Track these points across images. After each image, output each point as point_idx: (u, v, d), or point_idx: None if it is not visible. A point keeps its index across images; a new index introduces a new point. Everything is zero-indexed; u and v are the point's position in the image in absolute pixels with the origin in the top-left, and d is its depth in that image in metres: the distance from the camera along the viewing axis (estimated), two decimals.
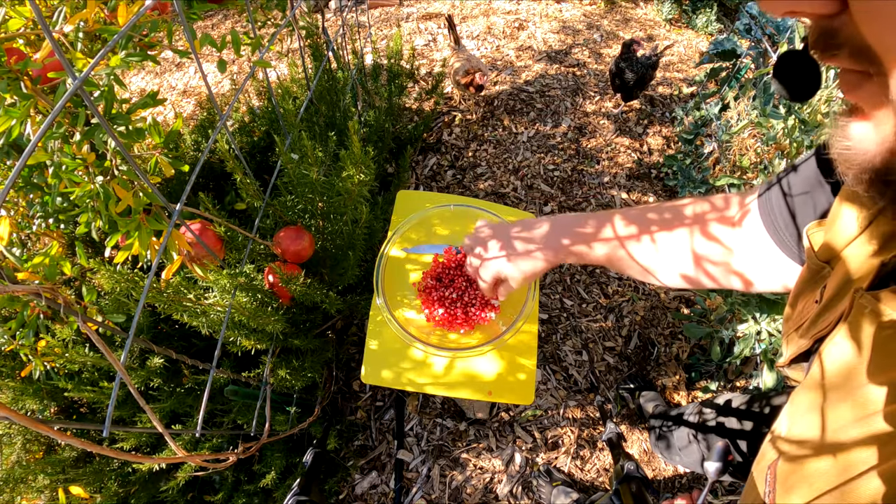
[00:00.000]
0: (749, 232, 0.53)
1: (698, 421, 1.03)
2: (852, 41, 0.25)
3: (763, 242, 0.51)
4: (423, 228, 0.89)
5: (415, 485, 1.31)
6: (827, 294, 0.37)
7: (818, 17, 0.26)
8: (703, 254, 0.56)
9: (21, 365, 0.91)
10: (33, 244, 0.76)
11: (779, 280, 0.52)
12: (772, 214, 0.50)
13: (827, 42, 0.27)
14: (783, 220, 0.48)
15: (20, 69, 0.47)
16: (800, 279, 0.43)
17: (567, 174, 1.94)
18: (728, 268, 0.55)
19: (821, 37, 0.27)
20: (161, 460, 0.54)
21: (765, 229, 0.51)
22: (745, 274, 0.54)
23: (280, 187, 0.94)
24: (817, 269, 0.40)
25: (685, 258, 0.57)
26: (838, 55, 0.26)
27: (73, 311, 0.46)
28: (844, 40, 0.26)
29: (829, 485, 0.30)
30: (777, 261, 0.51)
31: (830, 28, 0.26)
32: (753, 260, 0.54)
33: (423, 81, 2.20)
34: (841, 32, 0.26)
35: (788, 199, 0.48)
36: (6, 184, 0.37)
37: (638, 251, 0.60)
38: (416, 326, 0.78)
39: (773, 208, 0.50)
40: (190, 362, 0.71)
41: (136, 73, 2.44)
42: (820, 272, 0.39)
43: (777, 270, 0.51)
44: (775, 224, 0.49)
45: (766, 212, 0.51)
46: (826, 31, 0.26)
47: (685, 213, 0.58)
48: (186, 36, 0.54)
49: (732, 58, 1.67)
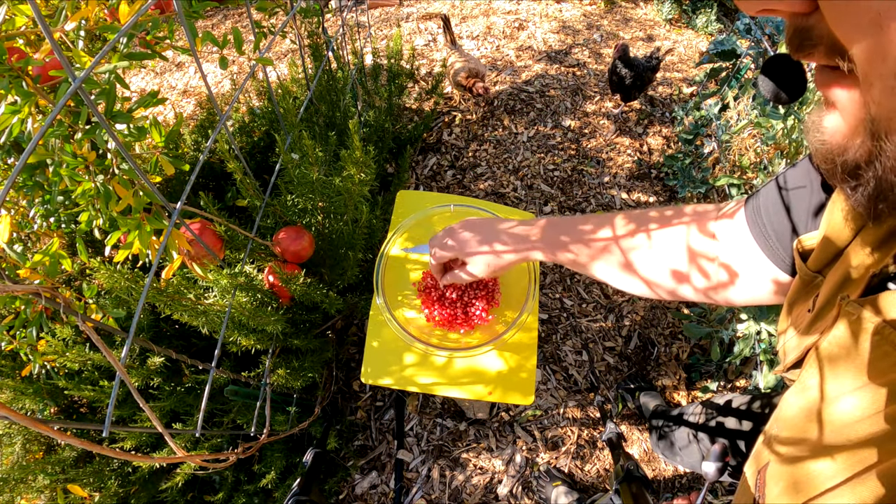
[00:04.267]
0: (735, 239, 0.51)
1: (699, 421, 1.03)
2: (825, 38, 0.26)
3: (749, 249, 0.49)
4: (423, 228, 0.89)
5: (415, 485, 1.31)
6: (819, 302, 0.37)
7: (792, 15, 0.27)
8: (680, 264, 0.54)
9: (21, 365, 0.91)
10: (34, 243, 0.76)
11: (765, 289, 0.50)
12: (760, 224, 0.48)
13: (802, 40, 0.28)
14: (772, 228, 0.47)
15: (21, 67, 0.47)
16: (793, 289, 0.43)
17: (567, 174, 1.94)
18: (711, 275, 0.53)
19: (796, 34, 0.28)
20: (161, 460, 0.54)
21: (752, 236, 0.49)
22: (728, 272, 0.52)
23: (280, 187, 0.94)
24: (809, 280, 0.40)
25: (663, 266, 0.55)
26: (813, 53, 0.27)
27: (73, 311, 0.46)
28: (818, 38, 0.27)
29: (820, 488, 0.31)
30: (762, 268, 0.49)
31: (805, 26, 0.27)
32: (738, 266, 0.51)
33: (423, 81, 2.20)
34: (814, 30, 0.27)
35: (776, 208, 0.46)
36: (6, 183, 0.37)
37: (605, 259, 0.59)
38: (416, 326, 0.78)
39: (761, 217, 0.48)
40: (190, 362, 0.71)
41: (136, 72, 2.45)
42: (812, 282, 0.40)
43: (764, 278, 0.49)
44: (764, 234, 0.47)
45: (753, 221, 0.49)
46: (800, 29, 0.27)
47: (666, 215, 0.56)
48: (187, 35, 0.54)
49: (732, 58, 1.67)
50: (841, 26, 0.25)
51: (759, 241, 0.48)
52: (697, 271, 0.53)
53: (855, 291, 0.33)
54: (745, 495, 0.39)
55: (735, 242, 0.51)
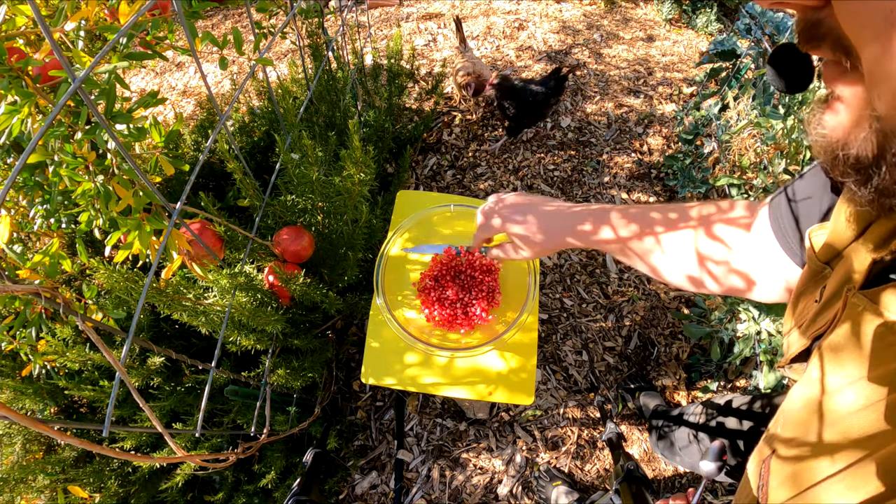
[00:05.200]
0: (757, 235, 0.54)
1: (699, 421, 1.03)
2: (833, 33, 0.26)
3: (770, 246, 0.52)
4: (423, 228, 0.89)
5: (415, 485, 1.31)
6: (826, 294, 0.38)
7: (804, 8, 0.28)
8: (707, 253, 0.57)
9: (21, 365, 0.91)
10: (34, 243, 0.76)
11: (780, 286, 0.52)
12: (780, 219, 0.50)
13: (810, 33, 0.28)
14: (789, 224, 0.49)
15: (21, 67, 0.47)
16: (801, 279, 0.43)
17: (567, 174, 1.94)
18: (729, 268, 0.56)
19: (805, 27, 0.28)
20: (161, 460, 0.54)
21: (773, 233, 0.51)
22: (748, 274, 0.55)
23: (280, 187, 0.94)
24: (818, 270, 0.40)
25: (690, 256, 0.58)
26: (821, 46, 0.28)
27: (73, 311, 0.46)
28: (826, 32, 0.27)
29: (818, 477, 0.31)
30: (782, 265, 0.51)
31: (815, 20, 0.28)
32: (757, 263, 0.54)
33: (423, 81, 2.20)
34: (823, 24, 0.27)
35: (793, 203, 0.48)
36: (6, 183, 0.37)
37: (642, 247, 0.61)
38: (416, 326, 0.78)
39: (780, 213, 0.50)
40: (190, 362, 0.71)
41: (136, 72, 2.45)
42: (821, 272, 0.40)
43: (780, 275, 0.51)
44: (783, 229, 0.49)
45: (774, 217, 0.51)
46: (810, 23, 0.28)
47: (691, 214, 0.59)
48: (186, 35, 0.54)
49: (732, 58, 1.67)
50: (851, 22, 0.25)
51: (779, 237, 0.50)
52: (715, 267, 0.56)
53: (859, 282, 0.34)
54: (746, 492, 0.39)
55: (757, 235, 0.53)
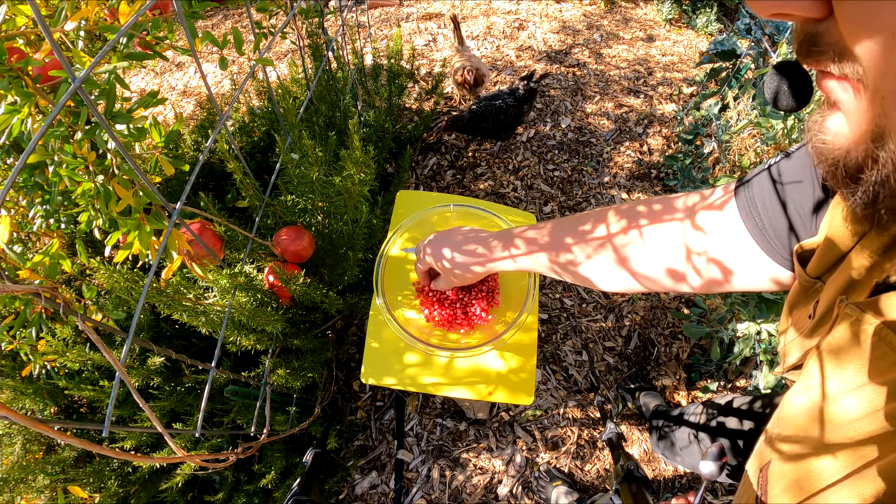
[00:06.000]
0: (727, 233, 0.49)
1: (699, 421, 1.03)
2: (834, 45, 0.26)
3: (744, 245, 0.48)
4: (423, 228, 0.89)
5: (415, 485, 1.31)
6: (819, 310, 0.37)
7: (804, 20, 0.27)
8: (629, 254, 0.55)
9: (21, 365, 0.91)
10: (34, 244, 0.76)
11: (761, 281, 0.49)
12: (757, 221, 0.46)
13: (810, 45, 0.27)
14: (770, 224, 0.45)
15: (21, 67, 0.47)
16: (793, 292, 0.43)
17: (567, 174, 1.94)
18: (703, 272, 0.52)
19: (805, 40, 0.28)
20: (161, 460, 0.54)
21: (748, 233, 0.47)
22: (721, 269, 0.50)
23: (280, 187, 0.94)
24: (809, 285, 0.40)
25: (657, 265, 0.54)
26: (821, 59, 0.27)
27: (73, 311, 0.46)
28: (826, 44, 0.26)
29: (821, 485, 0.31)
30: (760, 264, 0.47)
31: (815, 32, 0.27)
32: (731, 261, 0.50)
33: (423, 81, 2.20)
34: (824, 36, 0.26)
35: (779, 186, 0.44)
36: (6, 183, 0.37)
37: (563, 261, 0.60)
38: (415, 326, 0.78)
39: (757, 212, 0.46)
40: (190, 362, 0.71)
41: (136, 73, 2.45)
42: (812, 287, 0.40)
43: (760, 273, 0.48)
44: (762, 230, 0.46)
45: (748, 215, 0.47)
46: (810, 35, 0.27)
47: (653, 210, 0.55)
48: (186, 35, 0.54)
49: (732, 58, 1.67)
50: (856, 36, 0.24)
51: (758, 238, 0.46)
52: (692, 270, 0.52)
53: (857, 298, 0.33)
54: (746, 494, 0.39)
55: (727, 237, 0.49)
